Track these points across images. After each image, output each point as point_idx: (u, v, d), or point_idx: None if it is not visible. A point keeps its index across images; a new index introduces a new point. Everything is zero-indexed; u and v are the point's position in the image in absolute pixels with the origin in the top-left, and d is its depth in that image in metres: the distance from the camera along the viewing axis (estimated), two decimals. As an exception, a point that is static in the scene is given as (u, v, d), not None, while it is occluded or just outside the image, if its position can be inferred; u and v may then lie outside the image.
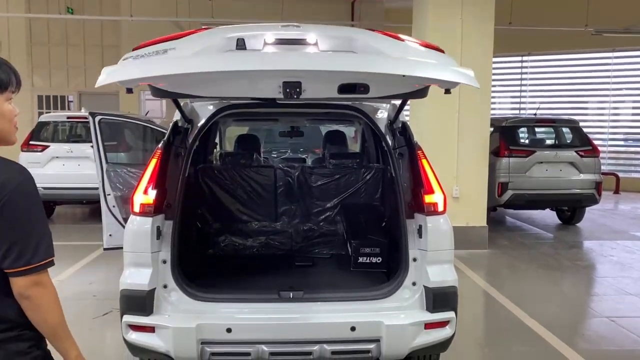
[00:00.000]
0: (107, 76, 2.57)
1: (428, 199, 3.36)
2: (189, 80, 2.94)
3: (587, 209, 10.07)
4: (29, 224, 1.76)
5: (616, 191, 14.43)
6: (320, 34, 2.96)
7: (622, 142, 16.59)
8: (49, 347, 1.92)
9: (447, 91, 3.06)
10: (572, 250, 8.32)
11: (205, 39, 2.87)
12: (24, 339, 1.79)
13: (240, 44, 2.86)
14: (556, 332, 4.86)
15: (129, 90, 2.98)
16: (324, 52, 2.84)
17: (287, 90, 2.81)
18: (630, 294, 6.11)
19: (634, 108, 16.33)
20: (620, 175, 14.80)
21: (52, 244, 1.83)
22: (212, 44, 2.84)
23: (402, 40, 2.98)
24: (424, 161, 3.49)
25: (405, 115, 4.16)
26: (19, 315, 1.79)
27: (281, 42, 2.92)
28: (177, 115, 3.72)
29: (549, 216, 10.78)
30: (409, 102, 3.84)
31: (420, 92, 3.25)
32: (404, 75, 2.72)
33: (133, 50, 2.88)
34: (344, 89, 2.96)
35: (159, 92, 3.16)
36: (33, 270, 1.75)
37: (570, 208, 10.09)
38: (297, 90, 2.82)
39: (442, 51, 3.01)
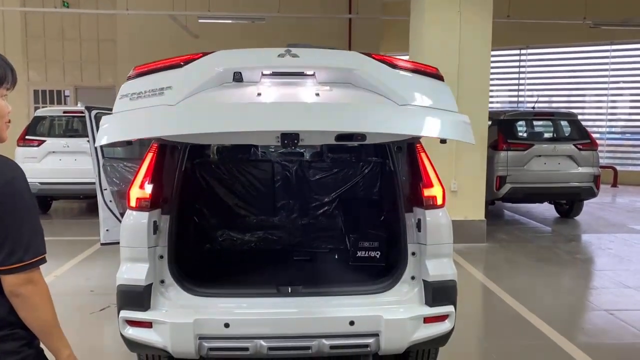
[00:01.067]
0: (106, 133, 2.57)
1: (427, 192, 3.34)
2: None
3: (585, 202, 10.07)
4: (20, 221, 1.73)
5: (614, 184, 14.45)
6: (317, 66, 2.96)
7: (619, 135, 16.60)
8: (43, 345, 1.88)
9: (443, 141, 3.07)
10: (570, 243, 8.32)
11: (203, 73, 2.86)
12: (15, 338, 1.76)
13: (237, 77, 2.87)
14: (555, 326, 4.85)
15: (129, 142, 3.02)
16: (322, 102, 2.77)
17: (285, 141, 2.83)
18: (628, 287, 6.11)
19: (631, 101, 16.34)
20: (618, 168, 14.82)
21: (44, 242, 1.80)
22: (210, 77, 2.84)
23: (401, 68, 2.98)
24: (423, 155, 3.47)
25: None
26: (10, 314, 1.75)
27: (278, 74, 2.94)
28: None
29: (547, 209, 10.78)
30: None
31: (416, 137, 3.32)
32: None
33: (129, 78, 2.90)
34: (342, 136, 2.98)
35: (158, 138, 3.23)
36: (25, 267, 1.72)
37: (569, 201, 10.09)
38: (295, 141, 2.83)
39: (442, 77, 3.03)
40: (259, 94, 2.79)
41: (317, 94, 2.82)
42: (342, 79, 2.94)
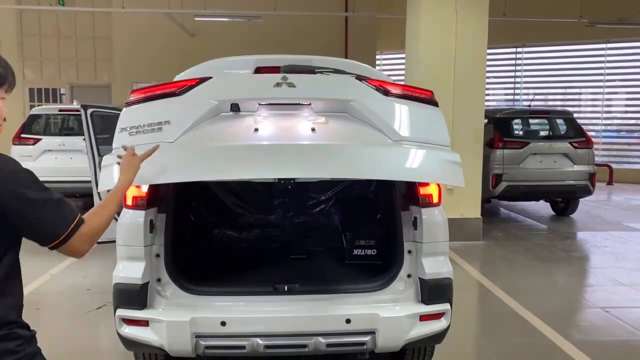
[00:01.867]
0: (109, 179, 2.65)
1: (423, 190, 3.34)
2: None
3: (581, 200, 10.11)
4: (40, 207, 1.78)
5: (609, 182, 14.50)
6: (314, 97, 3.02)
7: (615, 133, 16.66)
8: (41, 343, 1.89)
9: None
10: (566, 241, 8.35)
11: (200, 105, 2.91)
12: (13, 338, 1.76)
13: (235, 108, 2.96)
14: (551, 323, 4.88)
15: None
16: (317, 146, 2.82)
17: (282, 181, 3.05)
18: (624, 284, 6.14)
19: (627, 99, 16.39)
20: (614, 166, 14.86)
21: (71, 207, 1.89)
22: (208, 110, 2.90)
23: (395, 95, 3.05)
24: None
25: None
26: (8, 314, 1.76)
27: (274, 107, 3.04)
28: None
29: (543, 207, 10.81)
30: None
31: None
32: None
33: (127, 104, 2.97)
34: None
35: None
36: (66, 239, 1.80)
37: (564, 199, 10.12)
38: (291, 180, 3.02)
39: (436, 103, 3.11)
40: (256, 130, 2.87)
41: (313, 129, 2.90)
42: (339, 109, 3.03)
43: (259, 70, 3.53)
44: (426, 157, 2.84)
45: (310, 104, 3.03)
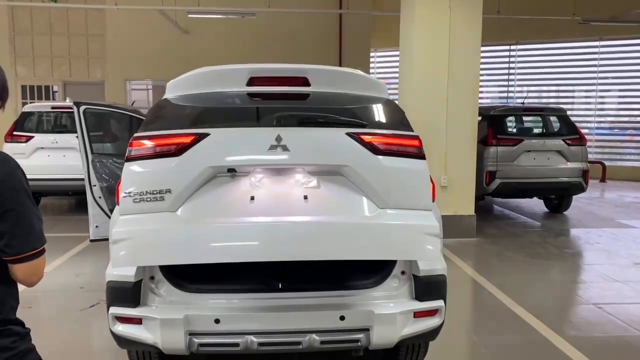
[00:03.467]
0: (120, 258, 2.81)
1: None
2: None
3: (574, 197, 10.17)
4: (27, 210, 1.76)
5: (602, 179, 14.58)
6: (307, 163, 3.10)
7: (608, 131, 16.74)
8: (34, 341, 1.89)
9: None
10: (559, 238, 8.39)
11: (198, 169, 2.99)
12: (9, 334, 1.77)
13: (232, 170, 3.09)
14: (544, 320, 4.90)
15: None
16: (309, 228, 2.95)
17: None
18: (616, 280, 6.17)
19: (619, 97, 16.47)
20: (607, 163, 14.94)
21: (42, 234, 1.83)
22: (206, 176, 3.00)
23: (385, 152, 3.10)
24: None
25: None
26: (9, 313, 1.78)
27: (269, 173, 3.13)
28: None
29: (536, 204, 10.86)
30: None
31: None
32: None
33: (128, 159, 3.07)
34: None
35: None
36: (39, 253, 1.79)
37: (558, 196, 10.17)
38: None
39: (423, 156, 3.17)
40: (252, 198, 3.01)
41: (305, 197, 3.03)
42: (331, 171, 3.12)
43: (252, 80, 3.53)
44: (408, 233, 2.98)
45: (304, 170, 3.14)
